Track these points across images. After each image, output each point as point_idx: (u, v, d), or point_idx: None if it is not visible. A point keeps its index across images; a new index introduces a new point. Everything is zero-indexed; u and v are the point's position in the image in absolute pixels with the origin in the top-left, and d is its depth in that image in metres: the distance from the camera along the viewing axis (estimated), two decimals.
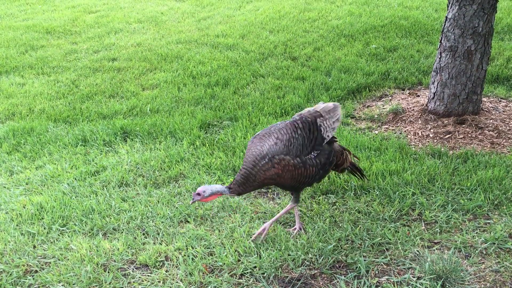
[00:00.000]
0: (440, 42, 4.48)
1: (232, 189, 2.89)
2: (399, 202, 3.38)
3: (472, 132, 4.34)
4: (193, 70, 6.28)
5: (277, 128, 2.91)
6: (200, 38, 7.63)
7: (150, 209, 3.46)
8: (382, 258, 2.88)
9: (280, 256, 2.92)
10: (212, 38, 7.58)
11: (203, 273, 2.83)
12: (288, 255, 2.93)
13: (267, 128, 2.97)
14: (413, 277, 2.73)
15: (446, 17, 4.40)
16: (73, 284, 2.80)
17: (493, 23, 4.31)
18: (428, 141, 4.28)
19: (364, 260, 2.86)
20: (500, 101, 4.99)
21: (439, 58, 4.50)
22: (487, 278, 2.72)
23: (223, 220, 3.32)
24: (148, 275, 2.86)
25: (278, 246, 3.01)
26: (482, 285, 2.68)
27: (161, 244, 3.09)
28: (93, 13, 9.75)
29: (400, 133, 4.46)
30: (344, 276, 2.77)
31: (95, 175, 3.98)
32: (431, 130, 4.45)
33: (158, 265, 2.94)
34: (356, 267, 2.82)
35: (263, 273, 2.81)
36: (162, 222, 3.32)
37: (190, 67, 6.40)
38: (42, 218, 3.41)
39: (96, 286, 2.80)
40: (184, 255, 2.98)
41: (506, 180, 3.53)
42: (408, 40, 6.81)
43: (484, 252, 2.91)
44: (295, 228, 3.17)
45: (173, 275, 2.85)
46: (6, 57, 7.22)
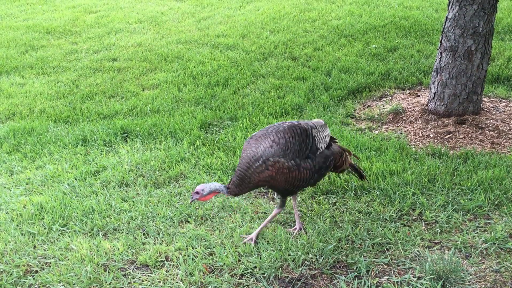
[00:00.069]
0: (441, 42, 4.48)
1: (230, 189, 2.90)
2: (399, 202, 3.38)
3: (472, 132, 4.33)
4: (194, 70, 6.28)
5: (274, 130, 2.89)
6: (200, 38, 7.63)
7: (150, 209, 3.46)
8: (383, 258, 2.88)
9: (281, 256, 2.92)
10: (212, 38, 7.58)
11: (203, 273, 2.84)
12: (289, 255, 2.93)
13: (264, 129, 2.96)
14: (414, 277, 2.73)
15: (446, 17, 4.40)
16: (74, 284, 2.80)
17: (494, 23, 4.31)
18: (429, 141, 4.28)
19: (365, 260, 2.86)
20: (500, 101, 4.99)
21: (440, 58, 4.50)
22: (488, 278, 2.72)
23: (224, 220, 3.32)
24: (148, 275, 2.86)
25: (278, 246, 3.01)
26: (483, 285, 2.67)
27: (161, 244, 3.09)
28: (93, 13, 9.75)
29: (401, 133, 4.46)
30: (345, 276, 2.77)
31: (96, 175, 3.98)
32: (432, 130, 4.44)
33: (159, 265, 2.94)
34: (357, 267, 2.82)
35: (264, 273, 2.82)
36: (162, 222, 3.32)
37: (190, 67, 6.40)
38: (43, 218, 3.41)
39: (97, 286, 2.80)
40: (185, 255, 2.99)
41: (507, 180, 3.53)
42: (409, 40, 6.81)
43: (485, 252, 2.91)
44: (295, 228, 3.17)
45: (174, 275, 2.85)
46: (7, 57, 7.22)
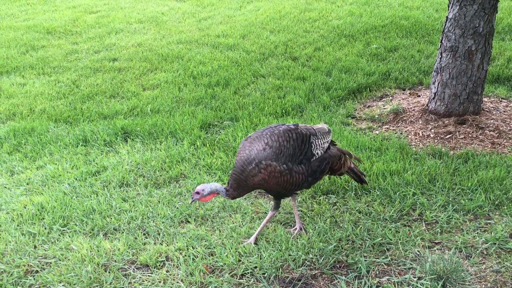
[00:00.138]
0: (441, 42, 4.48)
1: (229, 192, 2.92)
2: (399, 202, 3.38)
3: (472, 132, 4.33)
4: (194, 70, 6.28)
5: (269, 132, 2.88)
6: (200, 38, 7.63)
7: (150, 209, 3.46)
8: (383, 258, 2.88)
9: (281, 256, 2.92)
10: (212, 38, 7.58)
11: (203, 273, 2.84)
12: (289, 255, 2.93)
13: (259, 131, 2.95)
14: (414, 277, 2.73)
15: (446, 17, 4.40)
16: (74, 284, 2.80)
17: (494, 23, 4.31)
18: (429, 141, 4.28)
19: (365, 260, 2.86)
20: (501, 101, 4.99)
21: (440, 58, 4.50)
22: (488, 279, 2.72)
23: (224, 220, 3.32)
24: (148, 275, 2.86)
25: (278, 246, 3.01)
26: (483, 285, 2.67)
27: (161, 244, 3.09)
28: (93, 13, 9.75)
29: (401, 133, 4.46)
30: (345, 276, 2.77)
31: (96, 175, 3.99)
32: (432, 130, 4.44)
33: (159, 265, 2.94)
34: (357, 267, 2.82)
35: (264, 273, 2.82)
36: (162, 222, 3.32)
37: (190, 67, 6.40)
38: (43, 218, 3.41)
39: (97, 286, 2.80)
40: (185, 255, 2.99)
41: (507, 180, 3.53)
42: (409, 40, 6.80)
43: (485, 252, 2.91)
44: (296, 228, 3.17)
45: (174, 275, 2.85)
46: (7, 57, 7.22)
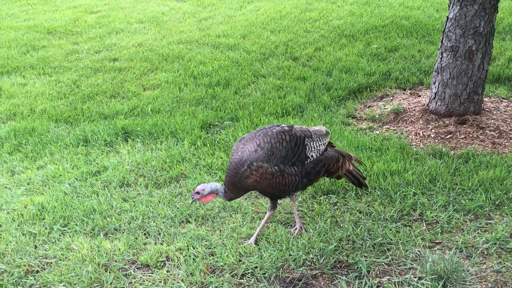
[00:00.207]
0: (441, 42, 4.48)
1: (227, 193, 2.93)
2: (400, 202, 3.38)
3: (473, 132, 4.33)
4: (194, 70, 6.28)
5: (262, 134, 2.87)
6: (201, 38, 7.63)
7: (151, 209, 3.46)
8: (383, 259, 2.88)
9: (281, 256, 2.92)
10: (213, 38, 7.58)
11: (204, 273, 2.84)
12: (289, 255, 2.93)
13: (253, 132, 2.95)
14: (414, 277, 2.73)
15: (447, 17, 4.40)
16: (75, 284, 2.81)
17: (494, 23, 4.31)
18: (429, 141, 4.28)
19: (365, 260, 2.85)
20: (501, 101, 4.98)
21: (440, 58, 4.50)
22: (489, 279, 2.72)
23: (224, 220, 3.32)
24: (149, 275, 2.86)
25: (279, 246, 3.01)
26: (484, 286, 2.67)
27: (162, 244, 3.10)
28: (94, 14, 9.76)
29: (401, 133, 4.46)
30: (345, 276, 2.77)
31: (96, 175, 3.99)
32: (432, 130, 4.44)
33: (159, 265, 2.94)
34: (357, 267, 2.82)
35: (264, 273, 2.82)
36: (163, 222, 3.32)
37: (191, 67, 6.40)
38: (44, 218, 3.41)
39: (97, 286, 2.80)
40: (185, 255, 2.99)
41: (508, 180, 3.53)
42: (409, 40, 6.80)
43: (486, 253, 2.91)
44: (296, 228, 3.17)
45: (174, 275, 2.85)
46: (8, 57, 7.23)
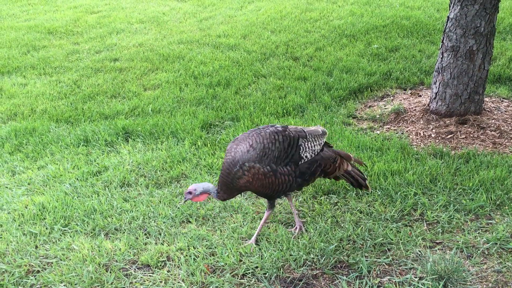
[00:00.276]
0: (442, 42, 4.47)
1: (220, 194, 2.93)
2: (401, 202, 3.38)
3: (474, 132, 4.33)
4: (195, 70, 6.28)
5: (255, 134, 2.87)
6: (201, 38, 7.63)
7: (152, 209, 3.46)
8: (384, 259, 2.88)
9: (282, 256, 2.92)
10: (213, 38, 7.58)
11: (205, 273, 2.84)
12: (290, 255, 2.93)
13: (247, 132, 2.94)
14: (415, 277, 2.73)
15: (448, 17, 4.40)
16: (75, 284, 2.81)
17: (495, 23, 4.31)
18: (430, 141, 4.28)
19: (366, 260, 2.85)
20: (502, 101, 4.98)
21: (441, 58, 4.49)
22: (489, 279, 2.71)
23: (225, 220, 3.32)
24: (150, 275, 2.86)
25: (279, 246, 3.01)
26: (484, 286, 2.67)
27: (163, 244, 3.10)
28: (95, 14, 9.76)
29: (402, 133, 4.46)
30: (346, 277, 2.77)
31: (97, 175, 3.99)
32: (433, 130, 4.44)
33: (160, 265, 2.94)
34: (358, 267, 2.82)
35: (265, 273, 2.82)
36: (164, 222, 3.32)
37: (191, 67, 6.40)
38: (44, 218, 3.42)
39: (98, 286, 2.80)
40: (186, 255, 2.99)
41: (508, 180, 3.52)
42: (410, 40, 6.80)
43: (486, 253, 2.90)
44: (296, 227, 3.17)
45: (175, 275, 2.85)
46: (8, 57, 7.23)
